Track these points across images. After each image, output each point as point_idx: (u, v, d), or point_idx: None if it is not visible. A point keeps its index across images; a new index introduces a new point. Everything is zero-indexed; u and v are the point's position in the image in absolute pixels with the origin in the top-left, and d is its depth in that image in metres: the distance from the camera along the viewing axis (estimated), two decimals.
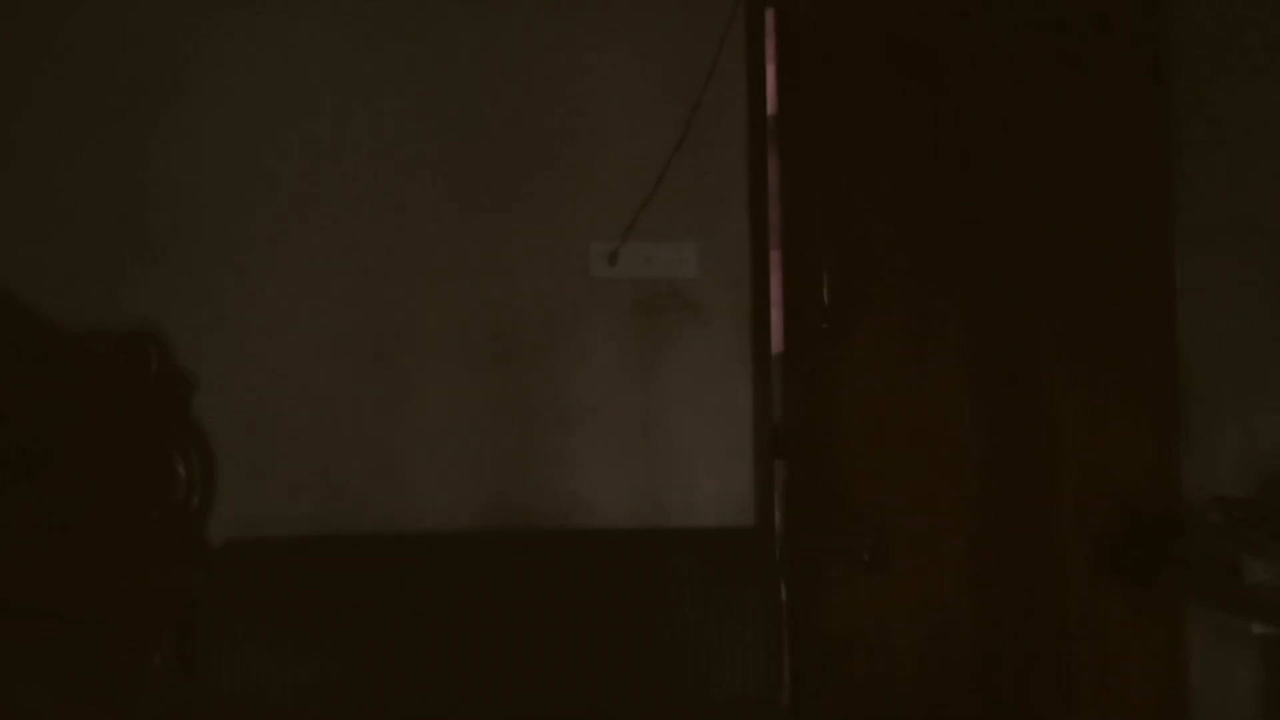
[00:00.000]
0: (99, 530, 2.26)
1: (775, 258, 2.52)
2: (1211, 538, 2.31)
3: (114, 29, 2.40)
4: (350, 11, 2.46)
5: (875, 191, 2.61)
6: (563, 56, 2.49)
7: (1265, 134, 2.43)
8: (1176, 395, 2.56)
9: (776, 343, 2.53)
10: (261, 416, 2.40)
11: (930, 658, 2.54)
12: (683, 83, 2.45)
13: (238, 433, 2.39)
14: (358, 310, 2.44)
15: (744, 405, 2.50)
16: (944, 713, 2.52)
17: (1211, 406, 2.51)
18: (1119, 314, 2.58)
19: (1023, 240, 2.60)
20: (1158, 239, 2.59)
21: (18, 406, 2.27)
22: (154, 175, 2.41)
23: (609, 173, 2.48)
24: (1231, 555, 2.18)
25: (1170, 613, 2.53)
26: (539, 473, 2.47)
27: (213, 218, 2.42)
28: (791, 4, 2.59)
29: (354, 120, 2.45)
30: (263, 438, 2.40)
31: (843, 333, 2.56)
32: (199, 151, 2.42)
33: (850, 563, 2.51)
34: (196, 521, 2.33)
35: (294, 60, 2.44)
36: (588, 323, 2.48)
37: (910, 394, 2.58)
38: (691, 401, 2.49)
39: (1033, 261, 2.60)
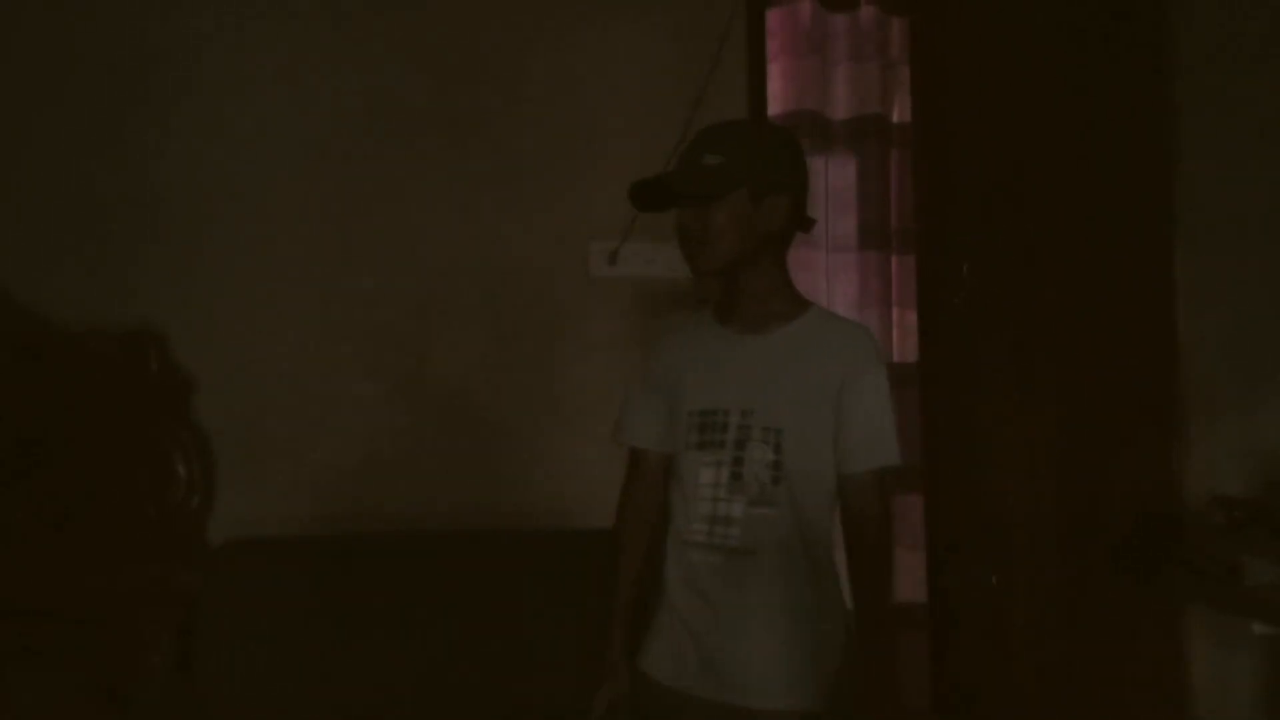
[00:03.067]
0: (99, 530, 2.25)
1: None
2: (1212, 538, 2.31)
3: (114, 33, 2.40)
4: (349, 14, 2.46)
5: None
6: (563, 56, 2.50)
7: (1266, 133, 2.43)
8: (1177, 395, 2.56)
9: None
10: (261, 416, 2.40)
11: None
12: (683, 81, 2.45)
13: (238, 433, 2.38)
14: (357, 310, 2.44)
15: None
16: None
17: (1212, 406, 2.51)
18: (1119, 314, 2.58)
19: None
20: (1158, 239, 2.59)
21: (17, 406, 2.27)
22: (155, 175, 2.40)
23: (609, 172, 2.47)
24: (1232, 555, 2.19)
25: (1170, 613, 2.53)
26: (539, 472, 2.47)
27: (213, 218, 2.41)
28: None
29: (353, 121, 2.45)
30: (263, 438, 2.40)
31: None
32: (199, 151, 2.41)
33: None
34: (196, 521, 2.33)
35: (295, 61, 2.44)
36: (588, 322, 2.48)
37: None
38: None
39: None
